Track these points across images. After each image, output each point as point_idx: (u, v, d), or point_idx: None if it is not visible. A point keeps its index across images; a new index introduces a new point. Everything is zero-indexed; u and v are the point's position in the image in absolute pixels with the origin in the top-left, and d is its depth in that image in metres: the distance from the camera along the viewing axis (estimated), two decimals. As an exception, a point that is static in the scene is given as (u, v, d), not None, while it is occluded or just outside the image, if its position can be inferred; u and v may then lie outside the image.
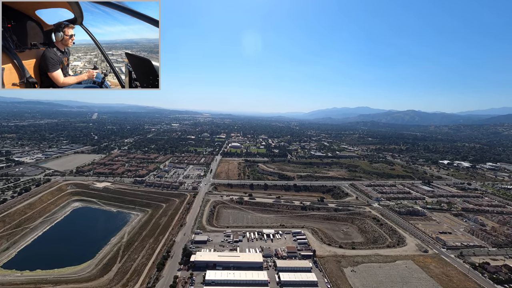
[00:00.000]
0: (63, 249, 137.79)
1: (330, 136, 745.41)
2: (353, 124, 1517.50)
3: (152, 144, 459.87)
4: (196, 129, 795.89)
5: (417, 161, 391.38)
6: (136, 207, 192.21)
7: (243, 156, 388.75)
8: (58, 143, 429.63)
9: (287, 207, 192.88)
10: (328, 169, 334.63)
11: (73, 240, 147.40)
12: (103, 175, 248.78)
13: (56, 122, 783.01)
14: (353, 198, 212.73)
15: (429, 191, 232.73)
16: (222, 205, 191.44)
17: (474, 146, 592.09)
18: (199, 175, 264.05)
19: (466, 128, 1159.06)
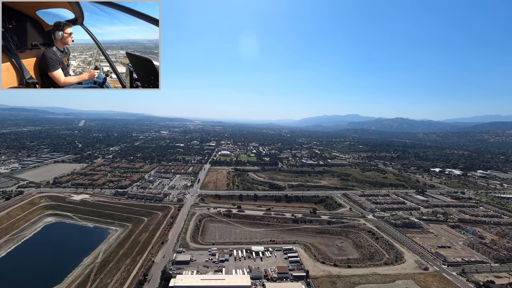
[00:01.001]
0: (26, 273, 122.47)
1: (321, 143, 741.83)
2: (343, 131, 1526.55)
3: (138, 152, 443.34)
4: (186, 136, 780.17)
5: (409, 169, 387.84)
6: (115, 222, 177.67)
7: (233, 164, 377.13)
8: (38, 152, 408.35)
9: (278, 220, 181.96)
10: (320, 178, 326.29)
11: (40, 262, 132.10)
12: (82, 187, 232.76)
13: (39, 129, 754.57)
14: (347, 209, 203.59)
15: (423, 200, 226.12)
16: (209, 218, 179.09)
17: (463, 153, 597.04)
18: (186, 186, 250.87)
19: (453, 136, 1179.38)
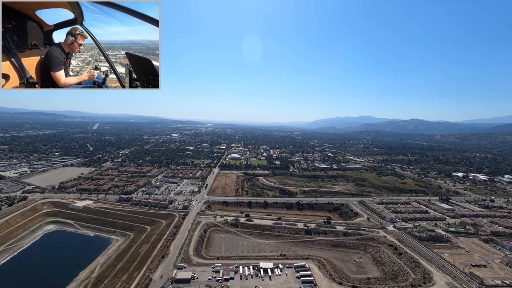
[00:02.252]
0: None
1: (334, 146, 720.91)
2: (356, 133, 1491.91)
3: (148, 155, 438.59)
4: (196, 139, 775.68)
5: (429, 173, 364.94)
6: (116, 231, 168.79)
7: (243, 168, 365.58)
8: (49, 155, 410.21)
9: (289, 230, 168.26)
10: (334, 183, 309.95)
11: (34, 276, 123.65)
12: (87, 192, 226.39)
13: (54, 132, 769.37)
14: (364, 219, 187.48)
15: (449, 209, 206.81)
16: (215, 228, 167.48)
17: (485, 156, 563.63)
18: (193, 191, 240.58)
19: (473, 137, 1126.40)
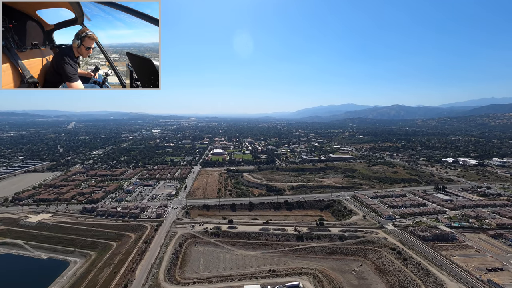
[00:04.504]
0: None
1: (320, 135, 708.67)
2: (341, 121, 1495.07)
3: (123, 155, 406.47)
4: (178, 135, 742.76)
5: (419, 160, 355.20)
6: (76, 250, 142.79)
7: (226, 164, 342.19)
8: (11, 160, 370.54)
9: (278, 237, 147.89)
10: (323, 176, 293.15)
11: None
12: (45, 203, 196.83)
13: (23, 134, 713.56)
14: (360, 218, 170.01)
15: (447, 200, 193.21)
16: (193, 240, 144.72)
17: (469, 139, 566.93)
18: (169, 195, 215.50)
19: (452, 121, 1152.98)
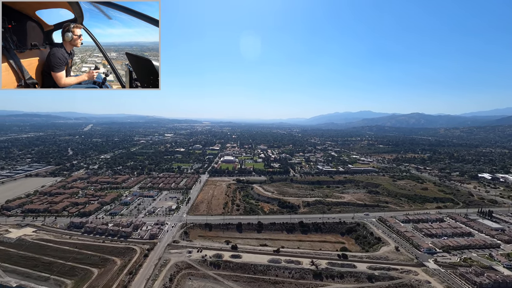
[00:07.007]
0: None
1: (337, 143, 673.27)
2: (357, 129, 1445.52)
3: (131, 160, 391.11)
4: (190, 139, 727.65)
5: (450, 175, 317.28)
6: (51, 277, 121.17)
7: (236, 174, 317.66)
8: (19, 163, 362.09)
9: (291, 272, 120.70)
10: (342, 190, 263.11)
11: None
12: (33, 214, 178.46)
13: (39, 135, 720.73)
14: (391, 249, 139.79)
15: (498, 229, 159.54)
16: (187, 271, 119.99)
17: (503, 152, 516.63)
18: (169, 209, 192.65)
19: (478, 130, 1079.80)
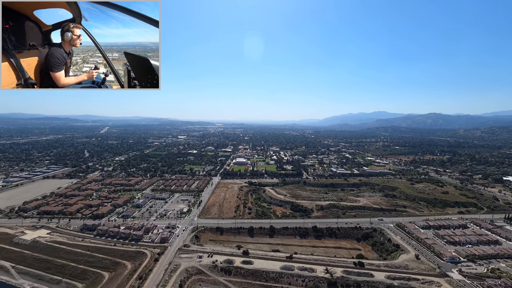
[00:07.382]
0: None
1: (351, 145, 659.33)
2: (372, 130, 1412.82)
3: (144, 162, 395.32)
4: (202, 141, 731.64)
5: (472, 178, 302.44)
6: (63, 280, 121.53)
7: (248, 176, 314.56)
8: (38, 164, 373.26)
9: (304, 281, 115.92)
10: (357, 194, 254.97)
11: None
12: (48, 216, 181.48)
13: (58, 138, 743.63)
14: (411, 258, 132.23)
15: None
16: (198, 277, 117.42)
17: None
18: (181, 212, 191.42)
19: (501, 131, 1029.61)
